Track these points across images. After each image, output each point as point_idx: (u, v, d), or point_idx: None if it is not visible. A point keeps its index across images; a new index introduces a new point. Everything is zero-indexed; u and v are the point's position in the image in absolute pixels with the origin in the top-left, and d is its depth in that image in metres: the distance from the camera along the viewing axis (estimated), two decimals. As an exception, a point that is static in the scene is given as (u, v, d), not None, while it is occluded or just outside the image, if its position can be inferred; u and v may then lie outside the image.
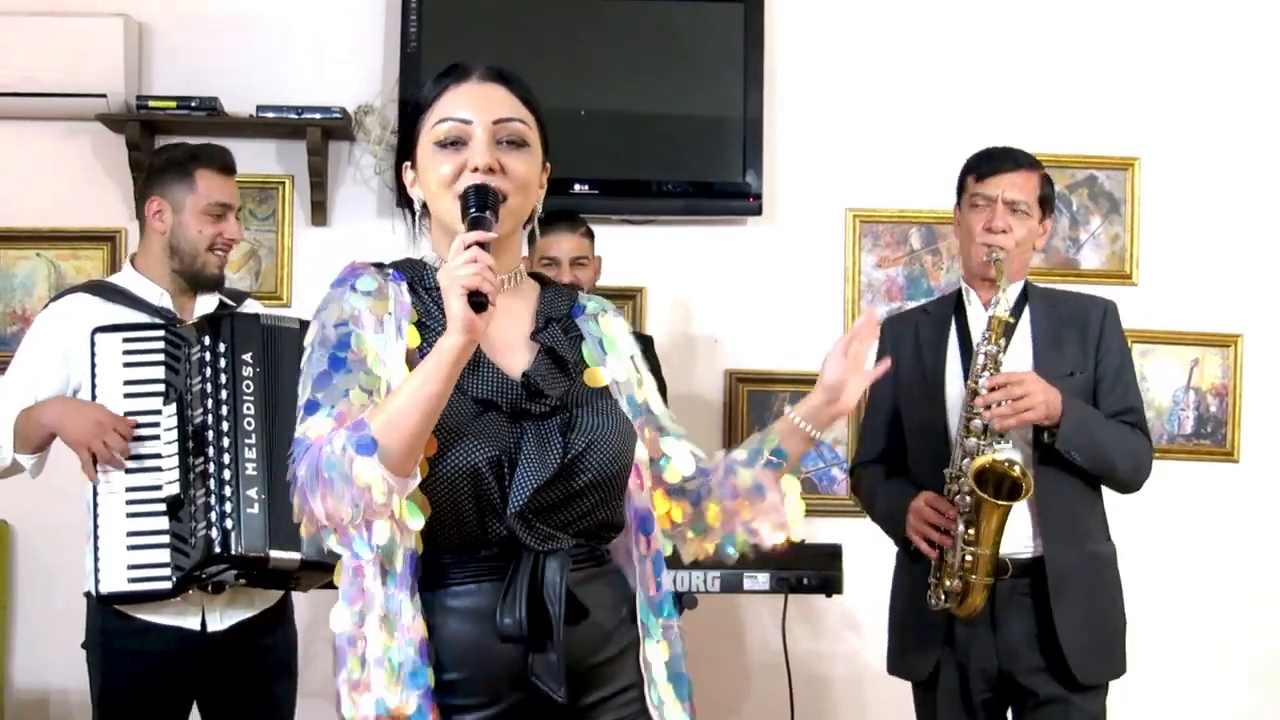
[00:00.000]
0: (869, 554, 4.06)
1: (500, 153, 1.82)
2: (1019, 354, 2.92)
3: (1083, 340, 2.95)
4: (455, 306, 1.64)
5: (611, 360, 1.94)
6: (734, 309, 4.30)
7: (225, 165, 3.04)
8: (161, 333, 2.86)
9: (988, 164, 3.00)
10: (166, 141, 4.20)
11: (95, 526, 2.81)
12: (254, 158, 4.17)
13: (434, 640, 1.75)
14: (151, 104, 4.04)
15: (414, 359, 1.77)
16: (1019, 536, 2.86)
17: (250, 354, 2.80)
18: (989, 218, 2.93)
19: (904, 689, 3.13)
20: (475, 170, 1.79)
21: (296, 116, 4.06)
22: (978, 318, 2.97)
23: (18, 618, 4.15)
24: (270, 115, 4.07)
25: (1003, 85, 4.31)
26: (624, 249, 4.07)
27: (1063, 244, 4.35)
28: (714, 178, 4.22)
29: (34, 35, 3.98)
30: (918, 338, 3.06)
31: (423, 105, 1.88)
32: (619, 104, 4.20)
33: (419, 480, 1.70)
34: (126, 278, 3.04)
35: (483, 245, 1.68)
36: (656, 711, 1.91)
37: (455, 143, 1.82)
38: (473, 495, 1.74)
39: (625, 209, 4.21)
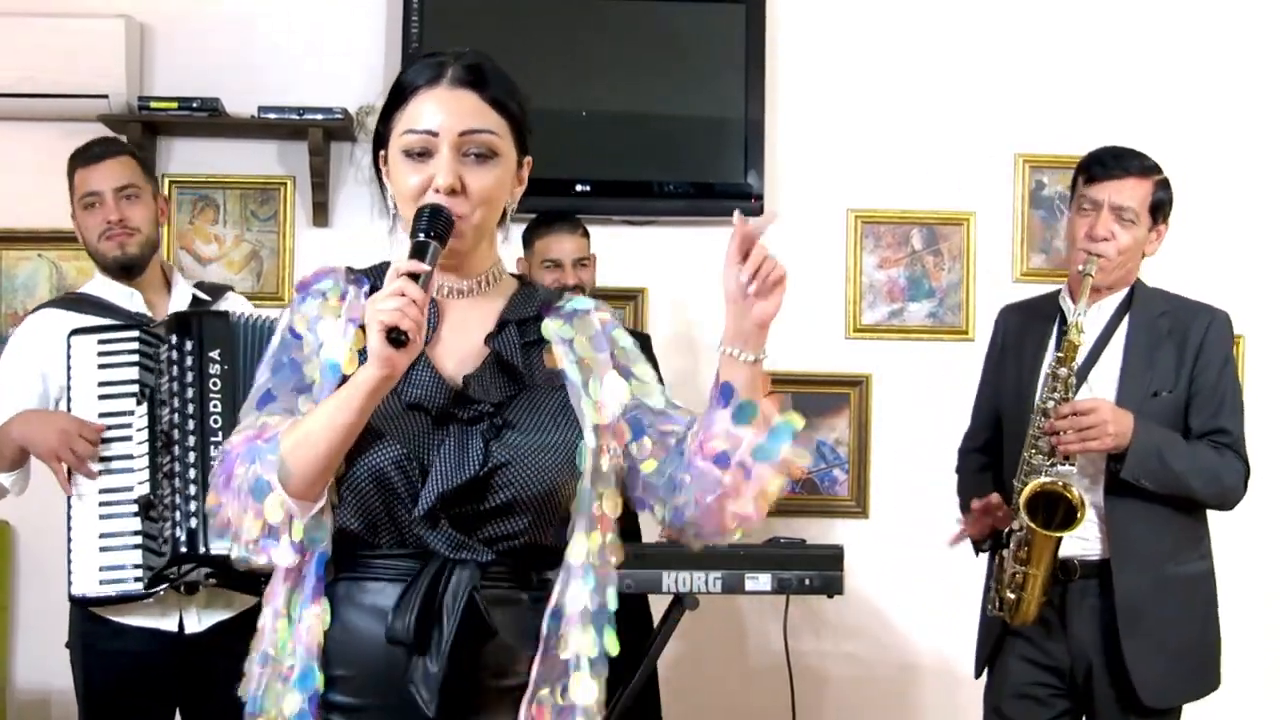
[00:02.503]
0: (870, 555, 4.09)
1: (465, 167, 1.76)
2: (1108, 368, 2.87)
3: (1180, 354, 2.87)
4: (373, 341, 1.62)
5: (578, 357, 1.83)
6: (735, 309, 4.29)
7: (94, 156, 3.01)
8: (136, 333, 2.85)
9: (1099, 167, 2.90)
10: (168, 142, 4.22)
11: (69, 529, 2.81)
12: (255, 158, 4.18)
13: (331, 631, 1.74)
14: (153, 105, 4.04)
15: (356, 363, 1.74)
16: (1085, 539, 2.83)
17: (218, 351, 2.78)
18: (1092, 224, 2.85)
19: (905, 689, 3.13)
20: (437, 190, 1.74)
21: (298, 117, 4.06)
22: None
23: (19, 618, 4.15)
24: (272, 116, 4.07)
25: (1003, 86, 4.32)
26: (625, 250, 4.07)
27: (1064, 244, 4.33)
28: (715, 178, 4.22)
29: (35, 36, 3.98)
30: (1023, 333, 3.04)
31: (398, 96, 1.81)
32: (620, 104, 4.20)
33: (320, 505, 1.69)
34: (97, 284, 3.05)
35: (414, 276, 1.64)
36: None
37: (421, 152, 1.77)
38: (378, 494, 1.71)
39: (626, 209, 4.21)
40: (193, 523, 2.68)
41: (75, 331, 2.85)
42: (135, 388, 2.81)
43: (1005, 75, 4.32)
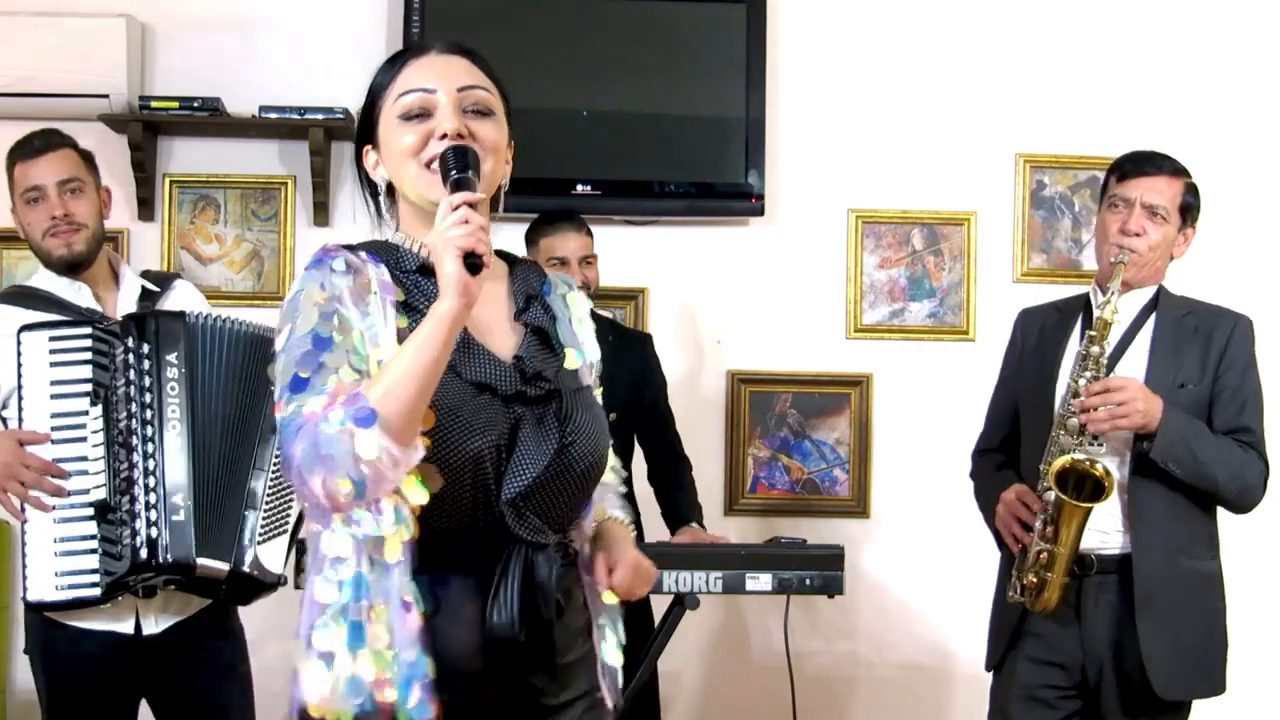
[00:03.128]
0: (871, 555, 4.09)
1: (467, 120, 1.75)
2: (1135, 359, 2.89)
3: (1205, 353, 2.90)
4: (450, 268, 1.59)
5: (585, 341, 1.90)
6: (736, 309, 4.30)
7: (35, 149, 2.90)
8: (88, 330, 2.75)
9: (1132, 165, 2.95)
10: (169, 142, 4.22)
11: (23, 533, 2.72)
12: (256, 158, 4.18)
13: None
14: (154, 104, 4.04)
15: (404, 339, 1.68)
16: (1108, 535, 2.85)
17: (174, 354, 2.73)
18: (1124, 219, 2.89)
19: (906, 690, 3.13)
20: (444, 136, 1.73)
21: (299, 117, 4.06)
22: None
23: (19, 618, 4.14)
24: (273, 115, 4.07)
25: (1005, 86, 4.32)
26: (626, 250, 4.07)
27: (1065, 245, 4.34)
28: (716, 178, 4.22)
29: (36, 35, 3.98)
30: (1043, 332, 3.05)
31: (381, 84, 1.81)
32: (621, 104, 4.20)
33: (422, 452, 1.62)
34: (43, 279, 2.95)
35: (470, 205, 1.63)
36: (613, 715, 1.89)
37: (420, 114, 1.76)
38: (471, 482, 1.68)
39: (627, 209, 4.21)
40: (153, 531, 2.64)
41: (25, 328, 2.74)
42: (89, 387, 2.72)
43: (1006, 75, 4.32)
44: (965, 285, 4.30)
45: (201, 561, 2.67)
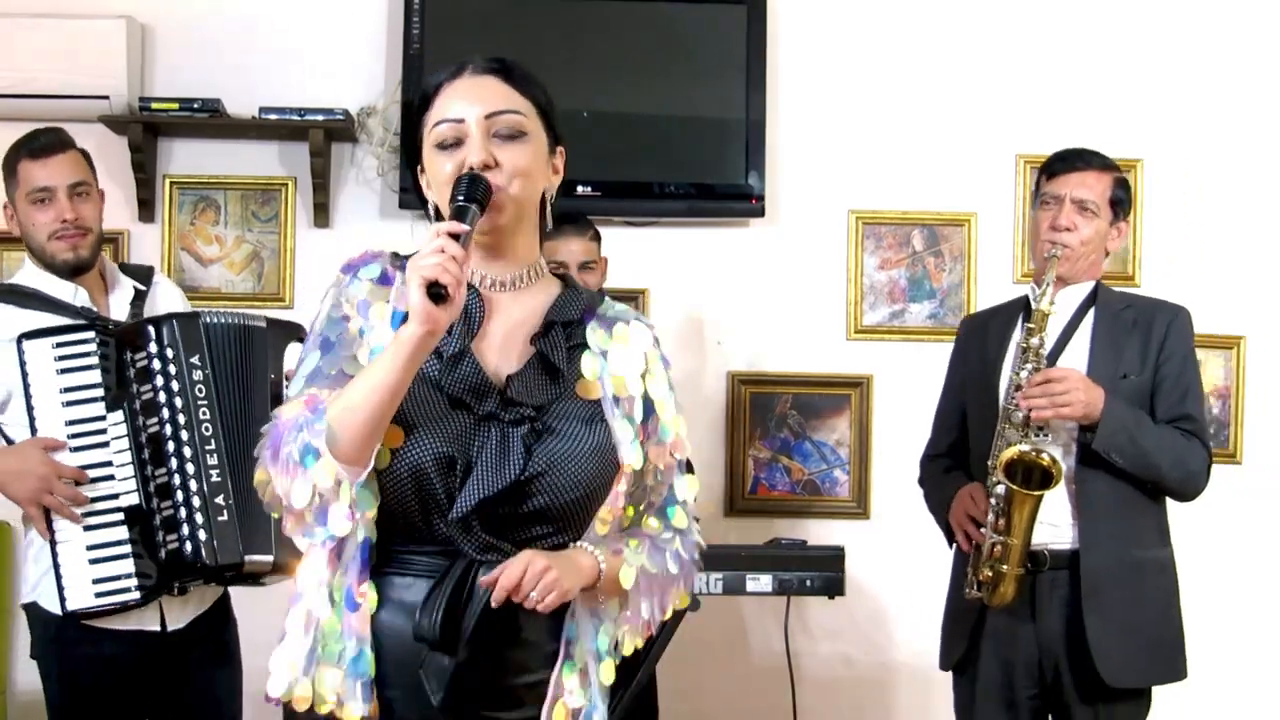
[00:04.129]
0: (871, 556, 4.08)
1: (496, 146, 1.79)
2: (1076, 352, 2.92)
3: (1145, 344, 2.94)
4: (414, 297, 1.62)
5: (615, 373, 1.85)
6: (736, 310, 4.30)
7: (42, 148, 2.89)
8: (92, 334, 2.75)
9: (1060, 163, 3.00)
10: (169, 143, 4.22)
11: (53, 542, 2.72)
12: (256, 159, 4.18)
13: (372, 626, 1.74)
14: (154, 106, 4.04)
15: None
16: (1059, 528, 2.87)
17: (197, 356, 2.73)
18: (1054, 216, 2.93)
19: (906, 690, 3.14)
20: (470, 169, 1.77)
21: (299, 118, 4.06)
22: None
23: (19, 618, 4.14)
24: (273, 117, 4.07)
25: (1005, 87, 4.31)
26: (626, 250, 4.07)
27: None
28: (716, 179, 4.22)
29: (36, 37, 3.98)
30: (985, 337, 3.09)
31: (422, 105, 1.85)
32: (622, 105, 4.20)
33: (369, 469, 1.68)
34: (30, 275, 2.92)
35: (455, 236, 1.65)
36: None
37: (454, 142, 1.80)
38: (416, 493, 1.72)
39: (628, 210, 4.21)
40: (201, 534, 2.66)
41: (26, 335, 2.73)
42: (99, 391, 2.73)
43: (1006, 76, 4.32)
44: (966, 286, 4.30)
45: (249, 558, 2.70)
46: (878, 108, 4.31)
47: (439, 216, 1.84)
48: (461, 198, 1.72)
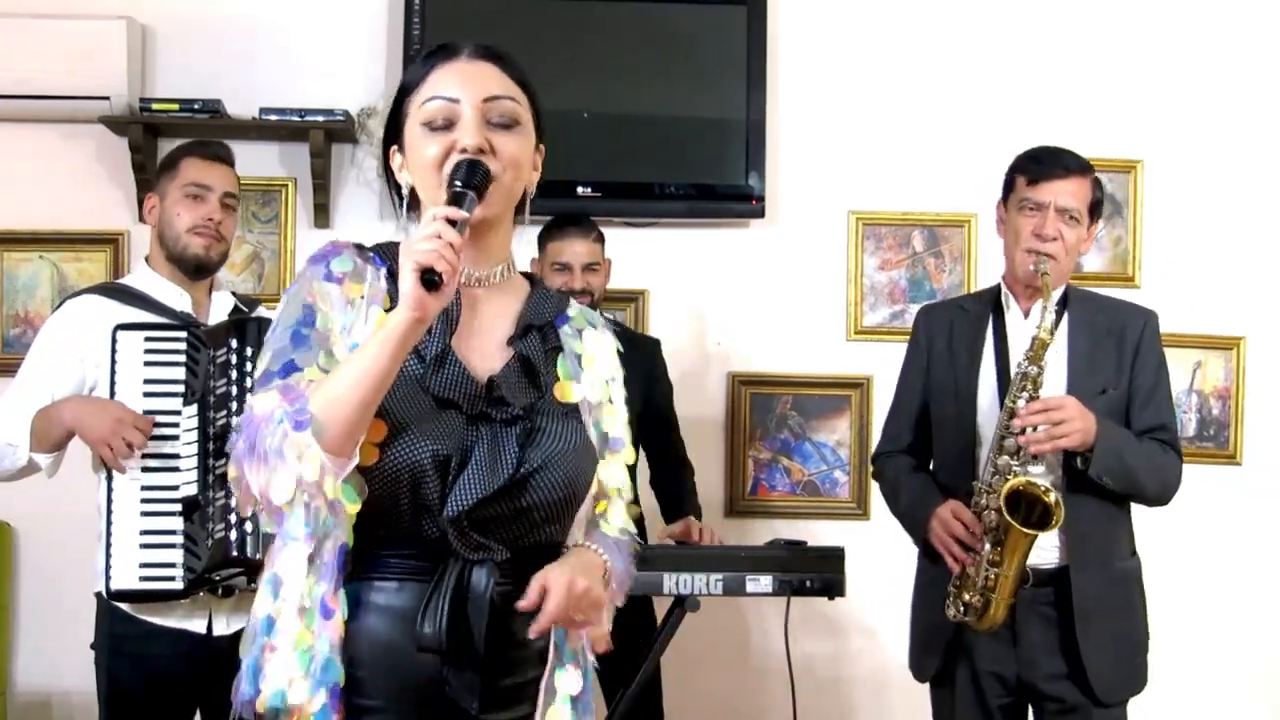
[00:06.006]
0: (872, 557, 4.07)
1: (490, 132, 1.73)
2: (1054, 367, 2.87)
3: (1119, 354, 2.91)
4: (406, 282, 1.57)
5: (586, 379, 1.84)
6: (737, 311, 4.30)
7: (214, 154, 3.01)
8: (184, 334, 2.85)
9: (1041, 168, 2.91)
10: (169, 144, 4.21)
11: (109, 524, 2.80)
12: (256, 160, 4.18)
13: (347, 633, 1.68)
14: (154, 106, 4.04)
15: None
16: (1044, 548, 2.83)
17: None
18: (1039, 224, 2.86)
19: (906, 691, 3.13)
20: (464, 151, 1.71)
21: (299, 119, 4.06)
22: (1016, 324, 2.94)
23: (20, 619, 4.15)
24: (273, 118, 4.07)
25: (1005, 88, 4.32)
26: (627, 251, 4.07)
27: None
28: (717, 180, 4.22)
29: (37, 38, 3.98)
30: (952, 334, 3.03)
31: (410, 85, 1.79)
32: (622, 106, 4.20)
33: (355, 462, 1.62)
34: (140, 278, 3.03)
35: (452, 222, 1.59)
36: None
37: (444, 123, 1.73)
38: (410, 492, 1.66)
39: (628, 211, 4.21)
40: (247, 527, 2.73)
41: (122, 326, 2.84)
42: (179, 388, 2.81)
43: (1007, 77, 4.32)
44: (966, 287, 4.30)
45: None
46: (878, 108, 4.31)
47: (413, 200, 1.79)
48: (459, 183, 1.67)
